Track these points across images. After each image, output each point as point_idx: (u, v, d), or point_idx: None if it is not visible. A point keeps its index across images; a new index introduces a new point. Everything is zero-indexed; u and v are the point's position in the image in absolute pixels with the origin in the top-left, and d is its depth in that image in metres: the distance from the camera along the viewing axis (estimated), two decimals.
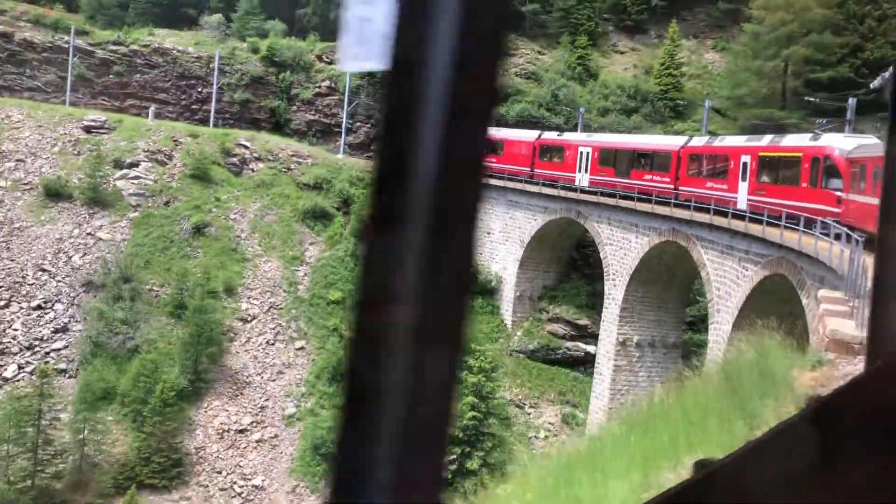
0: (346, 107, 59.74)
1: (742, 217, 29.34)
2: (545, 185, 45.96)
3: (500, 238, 49.52)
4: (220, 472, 39.05)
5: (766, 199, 29.08)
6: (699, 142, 38.02)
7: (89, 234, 49.37)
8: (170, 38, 71.23)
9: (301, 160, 55.98)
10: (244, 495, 38.64)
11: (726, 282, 30.45)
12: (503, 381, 45.15)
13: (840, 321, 12.17)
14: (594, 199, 41.54)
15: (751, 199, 30.33)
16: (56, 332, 43.44)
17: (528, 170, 47.85)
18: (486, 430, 39.18)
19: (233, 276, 47.26)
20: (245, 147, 57.24)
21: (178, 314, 43.64)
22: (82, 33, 70.53)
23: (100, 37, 70.63)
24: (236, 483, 38.89)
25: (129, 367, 39.71)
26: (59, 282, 46.15)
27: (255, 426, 40.68)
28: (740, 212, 29.98)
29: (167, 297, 44.64)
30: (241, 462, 39.26)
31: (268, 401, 41.89)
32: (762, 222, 27.01)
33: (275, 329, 45.40)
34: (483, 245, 50.61)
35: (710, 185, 34.06)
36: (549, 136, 49.69)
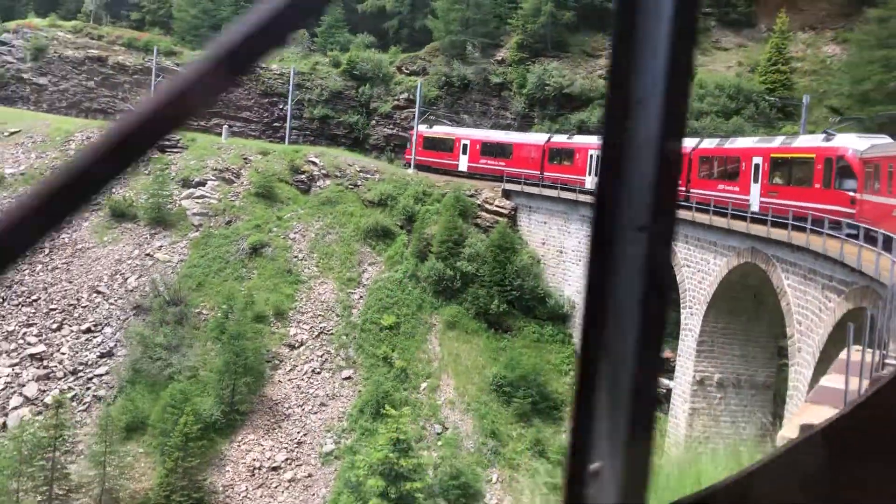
0: (416, 117, 56.32)
1: (819, 231, 23.41)
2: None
3: (573, 258, 44.44)
4: None
5: (778, 200, 28.77)
6: (710, 143, 37.27)
7: (148, 254, 48.30)
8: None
9: (368, 176, 53.05)
10: None
11: (808, 314, 24.48)
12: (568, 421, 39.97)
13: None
14: None
15: (763, 201, 30.14)
16: (101, 356, 42.21)
17: (538, 173, 47.90)
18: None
19: (284, 299, 44.69)
20: (314, 164, 55.00)
21: (222, 339, 41.37)
22: (171, 54, 71.11)
23: (188, 57, 70.89)
24: None
25: (163, 396, 37.55)
26: (111, 304, 45.13)
27: (290, 463, 37.57)
28: (825, 230, 24.07)
29: (213, 322, 42.47)
30: None
31: (306, 436, 38.74)
32: (840, 238, 21.20)
33: (322, 357, 42.33)
34: (555, 266, 45.71)
35: (721, 187, 33.81)
36: (559, 138, 49.05)
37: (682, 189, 36.88)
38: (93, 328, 43.78)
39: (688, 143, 40.15)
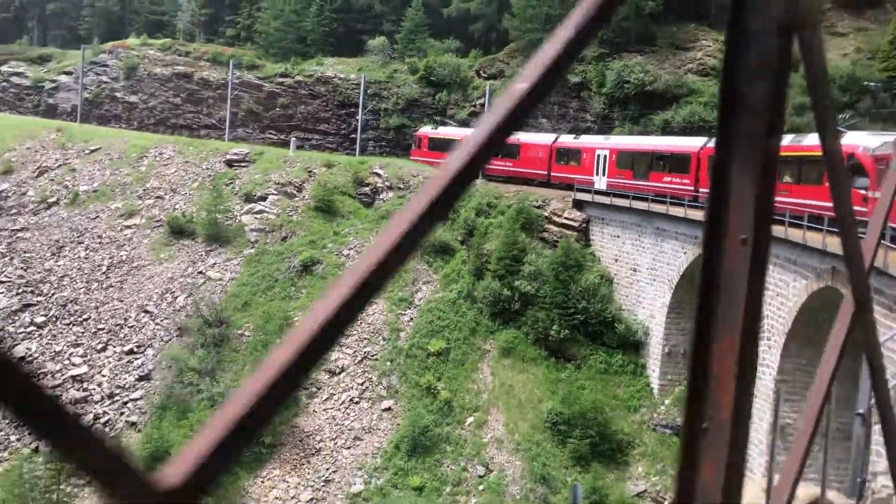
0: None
1: None
2: (674, 204, 35.13)
3: (647, 277, 38.89)
4: None
5: (789, 199, 28.46)
6: None
7: (200, 272, 46.62)
8: (336, 67, 68.70)
9: None
10: None
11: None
12: (636, 465, 34.63)
13: None
14: None
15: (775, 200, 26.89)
16: (139, 380, 40.57)
17: (545, 173, 47.90)
18: None
19: None
20: (378, 175, 51.94)
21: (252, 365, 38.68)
22: (253, 67, 70.32)
23: (270, 70, 69.95)
24: None
25: (184, 425, 35.21)
26: (157, 325, 43.59)
27: None
28: None
29: (251, 344, 39.95)
30: None
31: (335, 472, 35.30)
32: None
33: (363, 385, 38.86)
34: (628, 286, 40.28)
35: None
36: (566, 138, 48.53)
37: (692, 189, 37.18)
38: (135, 349, 42.32)
39: (696, 143, 38.83)
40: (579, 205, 44.42)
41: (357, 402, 38.08)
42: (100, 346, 42.84)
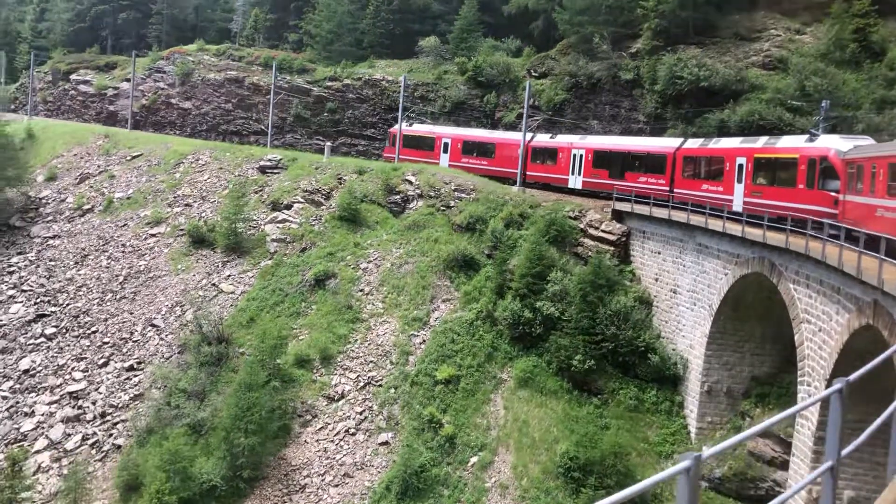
0: (524, 125, 47.49)
1: None
2: (714, 216, 29.77)
3: (687, 300, 33.49)
4: None
5: (762, 200, 29.20)
6: (694, 143, 37.45)
7: (214, 284, 44.05)
8: (387, 69, 65.57)
9: (463, 195, 45.19)
10: None
11: None
12: None
13: None
14: (789, 237, 24.50)
15: (747, 202, 30.76)
16: (134, 399, 38.08)
17: (518, 171, 47.32)
18: None
19: (335, 341, 38.06)
20: (410, 182, 48.19)
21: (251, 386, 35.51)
22: (303, 72, 68.05)
23: (320, 74, 67.55)
24: None
25: (155, 453, 32.29)
26: (161, 340, 41.16)
27: None
28: None
29: (245, 365, 36.79)
30: None
31: None
32: None
33: (362, 413, 35.02)
34: (668, 310, 34.95)
35: (705, 187, 34.30)
36: (542, 137, 48.34)
37: (666, 189, 37.51)
38: (136, 366, 39.98)
39: (671, 144, 39.43)
40: (619, 216, 39.32)
41: (353, 434, 34.26)
42: (102, 361, 40.76)
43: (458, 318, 37.80)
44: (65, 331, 43.46)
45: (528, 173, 47.22)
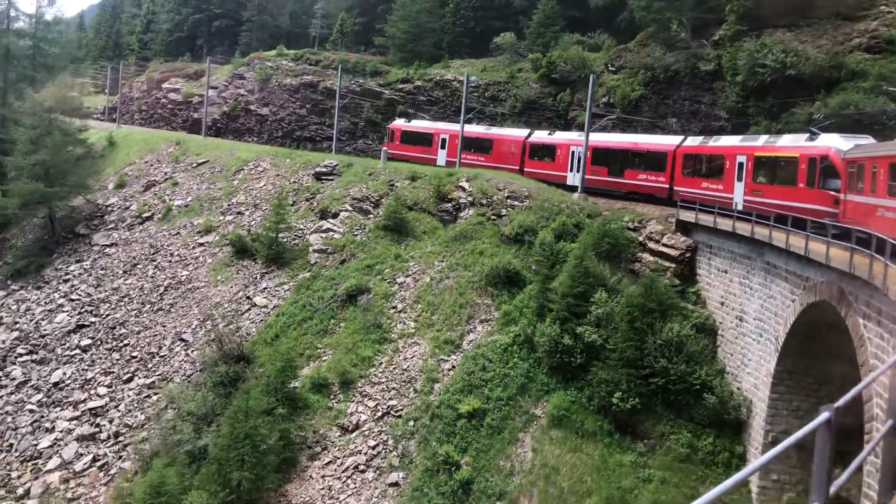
0: (587, 123, 42.35)
1: None
2: (779, 228, 24.04)
3: (753, 330, 27.73)
4: None
5: (762, 199, 29.58)
6: (694, 142, 37.32)
7: (248, 297, 41.57)
8: (462, 69, 61.85)
9: (516, 203, 40.74)
10: None
11: None
12: None
13: None
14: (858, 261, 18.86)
15: (747, 200, 31.12)
16: (149, 419, 35.89)
17: (517, 168, 47.98)
18: None
19: (357, 364, 34.50)
20: (463, 189, 44.19)
21: (275, 407, 32.48)
22: (376, 74, 65.36)
23: (393, 76, 64.66)
24: None
25: (139, 484, 29.72)
26: (187, 356, 38.96)
27: None
28: None
29: (257, 388, 33.80)
30: None
31: None
32: None
33: (375, 448, 31.22)
34: (733, 340, 29.26)
35: (705, 185, 34.61)
36: (541, 134, 48.60)
37: (666, 187, 38.03)
38: (157, 383, 37.89)
39: (671, 142, 39.25)
40: (684, 227, 33.74)
41: (363, 471, 30.49)
42: (127, 377, 39.00)
43: (492, 343, 33.37)
44: (99, 343, 42.16)
45: (525, 170, 47.46)
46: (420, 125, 57.03)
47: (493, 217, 41.22)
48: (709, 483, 27.02)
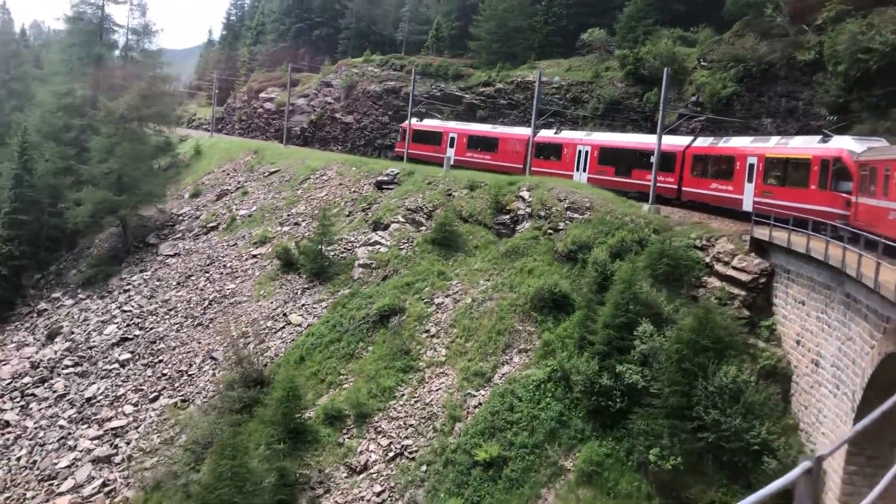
0: (661, 124, 36.76)
1: None
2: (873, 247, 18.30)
3: (830, 379, 21.83)
4: None
5: (773, 201, 29.57)
6: (704, 142, 37.26)
7: (284, 314, 38.85)
8: (547, 70, 57.32)
9: (576, 214, 35.88)
10: None
11: None
12: None
13: None
14: None
15: (757, 201, 30.98)
16: (164, 443, 33.62)
17: (521, 167, 48.04)
18: None
19: (377, 395, 30.81)
20: (523, 199, 39.76)
21: (278, 440, 29.41)
22: (458, 77, 61.82)
23: (475, 79, 60.94)
24: None
25: None
26: (214, 375, 36.58)
27: None
28: None
29: (265, 417, 30.76)
30: None
31: None
32: None
33: (381, 495, 27.32)
34: (808, 390, 23.39)
35: (714, 186, 34.24)
36: (546, 133, 48.30)
37: (674, 187, 37.79)
38: (179, 405, 35.67)
39: (680, 142, 38.97)
40: (760, 247, 27.86)
41: None
42: (153, 395, 37.07)
43: (525, 378, 28.77)
44: (137, 358, 40.62)
45: (532, 169, 46.89)
46: (431, 124, 57.23)
47: (549, 231, 36.53)
48: None
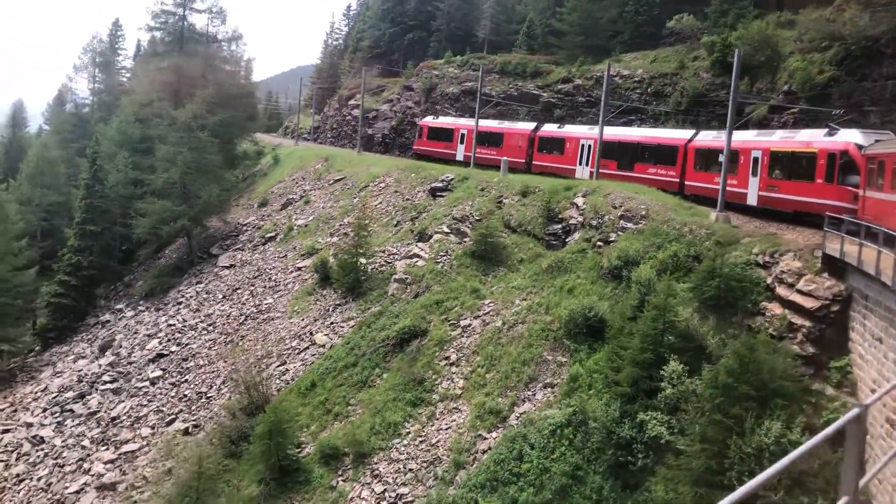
0: (730, 117, 30.85)
1: None
2: None
3: None
4: None
5: (778, 195, 30.03)
6: (708, 136, 37.83)
7: (311, 333, 35.79)
8: (632, 63, 51.94)
9: (629, 224, 30.76)
10: None
11: None
12: None
13: None
14: None
15: (762, 195, 31.52)
16: (168, 472, 31.14)
17: (524, 161, 48.77)
18: None
19: (381, 431, 26.99)
20: (577, 207, 34.92)
21: (264, 479, 26.24)
22: (536, 75, 57.30)
23: (554, 76, 56.28)
24: None
25: None
26: (231, 398, 33.89)
27: None
28: None
29: (254, 452, 27.55)
30: None
31: None
32: None
33: None
34: (881, 453, 17.56)
35: (717, 180, 33.08)
36: (549, 128, 49.03)
37: (676, 181, 38.15)
38: (191, 430, 33.18)
39: (682, 136, 39.40)
40: (834, 266, 21.93)
41: None
42: (171, 418, 34.83)
43: (543, 419, 24.10)
44: (167, 376, 38.68)
45: (534, 163, 47.58)
46: (444, 121, 57.96)
47: (599, 243, 31.53)
48: None
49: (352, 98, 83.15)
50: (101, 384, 40.88)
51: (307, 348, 34.89)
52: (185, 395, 35.99)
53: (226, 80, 64.44)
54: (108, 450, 34.82)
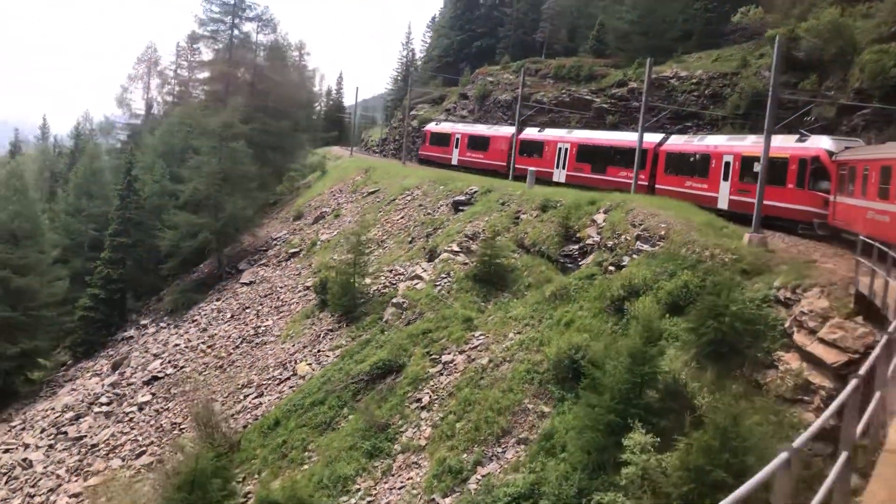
0: (768, 117, 25.34)
1: None
2: None
3: None
4: None
5: (749, 199, 28.99)
6: (679, 140, 38.02)
7: (296, 362, 32.28)
8: (694, 64, 46.47)
9: (645, 245, 25.78)
10: None
11: None
12: None
13: None
14: None
15: (732, 199, 31.68)
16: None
17: (505, 164, 49.71)
18: None
19: (327, 487, 23.03)
20: (596, 224, 30.07)
21: None
22: (591, 79, 52.42)
23: (609, 79, 51.28)
24: None
25: None
26: (181, 437, 30.68)
27: None
28: None
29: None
30: None
31: None
32: None
33: None
34: None
35: (689, 183, 34.68)
36: (531, 131, 49.20)
37: (644, 183, 37.58)
38: (154, 465, 30.10)
39: (653, 139, 38.85)
40: (866, 305, 16.42)
41: None
42: (140, 450, 31.94)
43: (502, 487, 19.52)
44: (154, 402, 35.98)
45: (516, 166, 47.59)
46: (443, 127, 59.42)
47: (611, 267, 26.62)
48: None
49: (413, 108, 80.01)
50: (98, 406, 38.67)
51: (288, 379, 31.35)
52: (161, 426, 33.08)
53: (274, 89, 62.30)
54: (78, 480, 32.27)
